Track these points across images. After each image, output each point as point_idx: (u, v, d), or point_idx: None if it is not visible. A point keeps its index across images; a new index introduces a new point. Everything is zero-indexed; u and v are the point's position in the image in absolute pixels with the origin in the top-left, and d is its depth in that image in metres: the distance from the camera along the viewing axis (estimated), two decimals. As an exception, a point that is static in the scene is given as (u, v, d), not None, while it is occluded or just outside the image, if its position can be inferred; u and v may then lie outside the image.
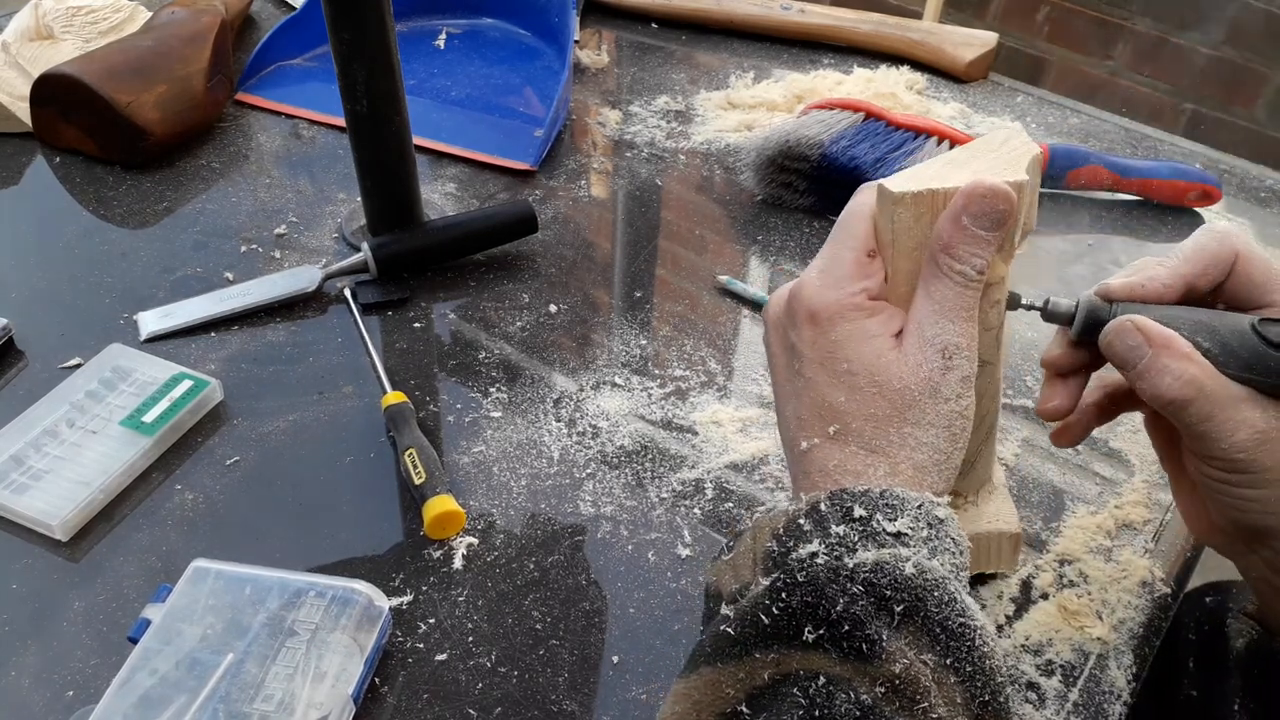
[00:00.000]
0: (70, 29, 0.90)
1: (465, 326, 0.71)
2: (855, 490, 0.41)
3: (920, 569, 0.38)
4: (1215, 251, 0.47)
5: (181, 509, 0.57)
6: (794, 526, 0.41)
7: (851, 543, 0.40)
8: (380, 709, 0.49)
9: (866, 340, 0.45)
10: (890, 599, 0.37)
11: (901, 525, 0.40)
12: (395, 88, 0.69)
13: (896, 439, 0.43)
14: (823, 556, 0.39)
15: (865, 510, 0.40)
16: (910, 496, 0.41)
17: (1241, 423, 0.44)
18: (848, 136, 0.80)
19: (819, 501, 0.41)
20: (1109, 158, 0.86)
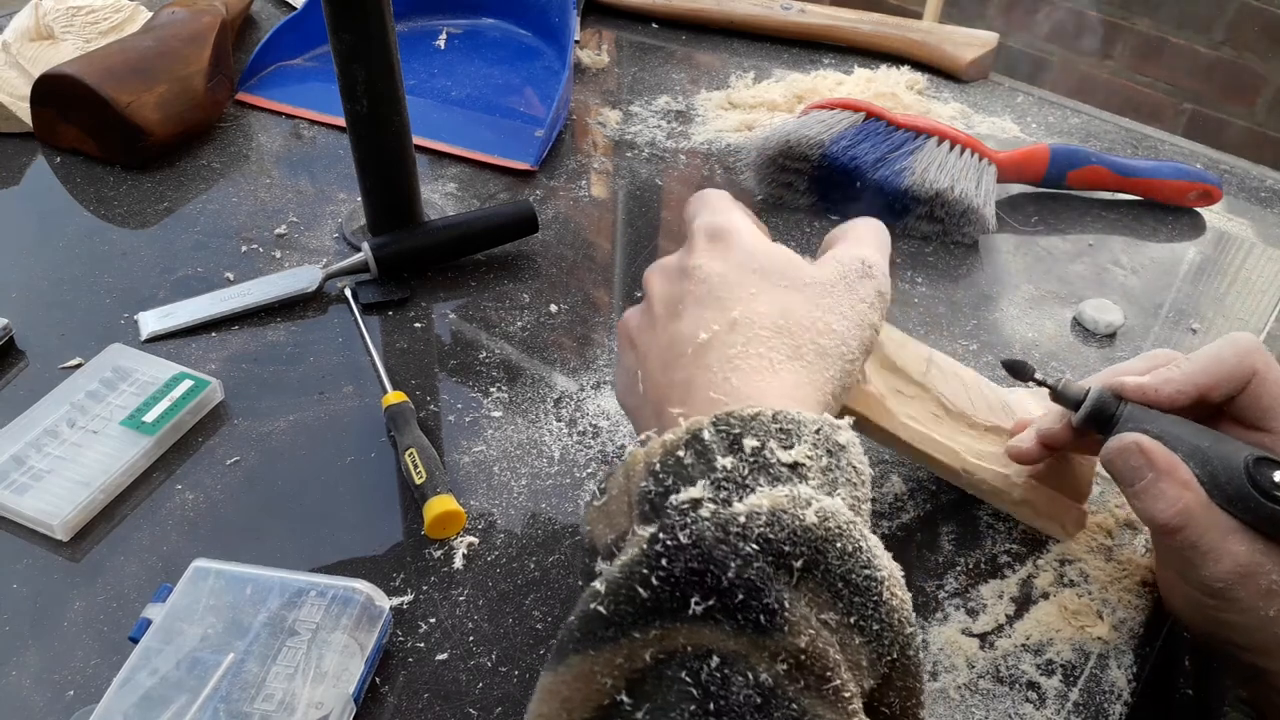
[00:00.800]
0: (70, 29, 0.90)
1: (466, 326, 0.71)
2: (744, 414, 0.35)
3: (822, 516, 0.33)
4: (1233, 368, 0.47)
5: (182, 509, 0.57)
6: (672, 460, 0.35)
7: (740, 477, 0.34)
8: (381, 709, 0.49)
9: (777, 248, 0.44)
10: (789, 554, 0.32)
11: (798, 454, 0.35)
12: (395, 88, 0.69)
13: (805, 322, 0.41)
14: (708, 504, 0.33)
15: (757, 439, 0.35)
16: (808, 419, 0.36)
17: (1226, 554, 0.45)
18: (848, 136, 0.80)
19: (701, 429, 0.35)
20: (1109, 158, 0.86)
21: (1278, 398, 0.46)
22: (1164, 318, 0.76)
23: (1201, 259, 0.83)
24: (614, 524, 0.36)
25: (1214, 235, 0.86)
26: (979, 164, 0.81)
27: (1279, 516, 0.44)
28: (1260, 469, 0.44)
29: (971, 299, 0.77)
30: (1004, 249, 0.82)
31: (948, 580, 0.56)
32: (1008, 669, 0.52)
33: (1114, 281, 0.79)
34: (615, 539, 0.36)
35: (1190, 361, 0.48)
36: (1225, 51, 1.89)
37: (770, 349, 0.40)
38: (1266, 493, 0.44)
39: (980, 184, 0.80)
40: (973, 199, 0.78)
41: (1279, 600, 0.44)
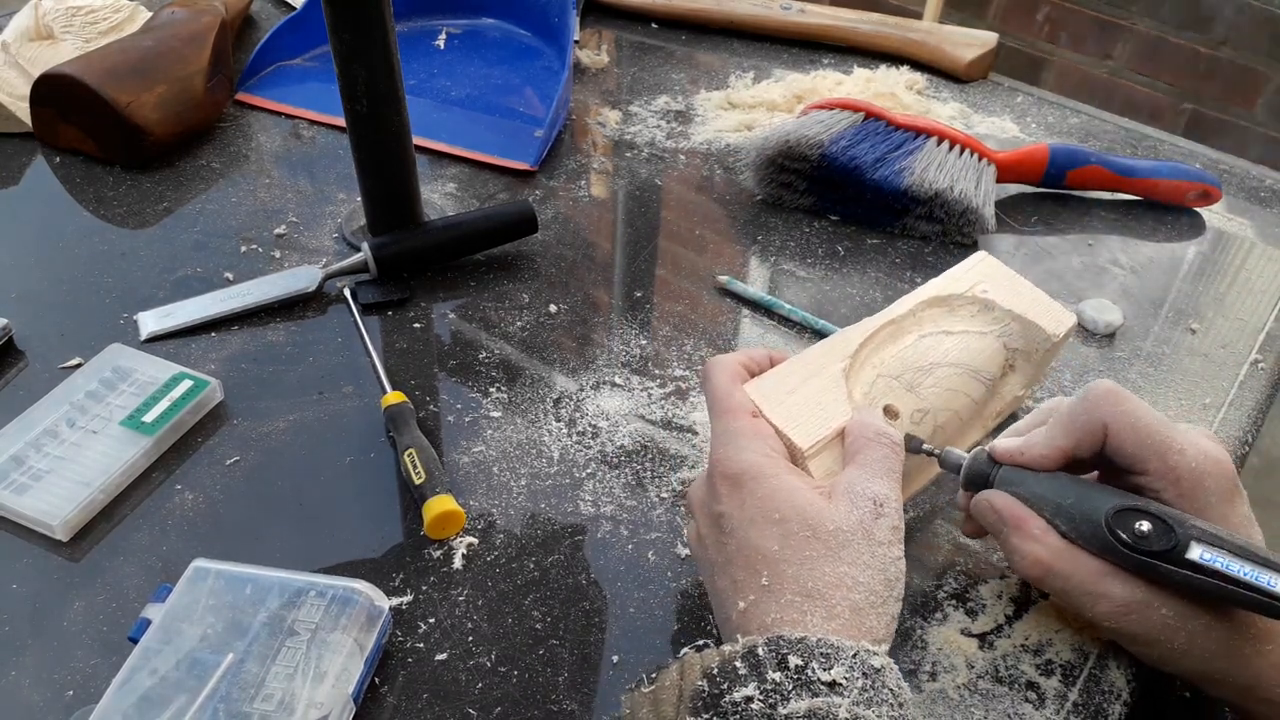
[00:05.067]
0: (70, 29, 0.90)
1: (465, 326, 0.71)
2: (792, 638, 0.41)
3: (854, 716, 0.38)
4: (1084, 425, 0.49)
5: (182, 509, 0.57)
6: (729, 668, 0.40)
7: (785, 691, 0.39)
8: (380, 709, 0.49)
9: (793, 491, 0.46)
10: None
11: (836, 674, 0.39)
12: (395, 88, 0.69)
13: (833, 579, 0.43)
14: (758, 703, 0.39)
15: (801, 659, 0.40)
16: (846, 645, 0.41)
17: (1101, 596, 0.47)
18: (848, 136, 0.80)
19: (756, 646, 0.41)
20: (1109, 158, 0.86)
21: (1139, 443, 0.48)
22: (1163, 317, 0.76)
23: (1201, 259, 0.83)
24: (660, 713, 0.40)
25: (1213, 235, 0.86)
26: (978, 164, 0.81)
27: (1145, 567, 0.46)
28: (1121, 520, 0.46)
29: (971, 299, 0.77)
30: (1003, 249, 0.82)
31: (947, 580, 0.56)
32: (1007, 669, 0.52)
33: (1113, 281, 0.79)
34: None
35: (1054, 424, 0.50)
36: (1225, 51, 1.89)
37: (804, 614, 0.42)
38: (1128, 544, 0.46)
39: (980, 184, 0.80)
40: (972, 199, 0.78)
41: (1180, 633, 0.46)
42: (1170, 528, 0.45)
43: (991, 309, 0.60)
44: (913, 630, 0.53)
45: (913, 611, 0.54)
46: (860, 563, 0.44)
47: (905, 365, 0.56)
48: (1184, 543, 0.44)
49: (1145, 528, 0.45)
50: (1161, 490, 0.47)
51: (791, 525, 0.44)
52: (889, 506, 0.46)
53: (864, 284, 0.77)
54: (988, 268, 0.62)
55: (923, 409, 0.55)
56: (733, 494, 0.47)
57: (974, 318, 0.60)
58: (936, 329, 0.59)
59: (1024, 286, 0.62)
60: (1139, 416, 0.48)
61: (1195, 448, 0.48)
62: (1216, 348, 0.74)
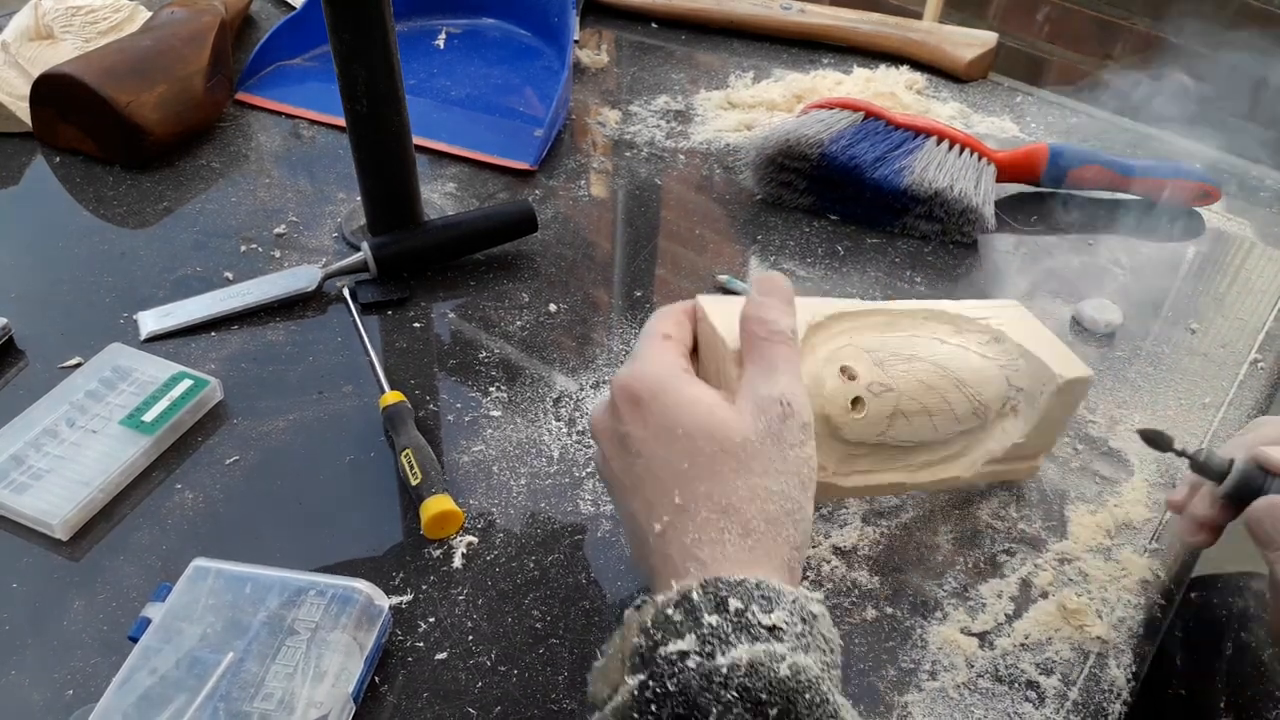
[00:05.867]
0: (70, 29, 0.90)
1: (465, 326, 0.71)
2: (730, 580, 0.39)
3: (795, 669, 0.36)
4: None
5: (181, 508, 0.57)
6: (662, 618, 0.38)
7: (724, 635, 0.37)
8: (380, 708, 0.49)
9: (695, 404, 0.44)
10: (765, 703, 0.35)
11: (777, 618, 0.38)
12: (395, 88, 0.69)
13: (745, 493, 0.42)
14: (694, 656, 0.37)
15: (741, 602, 0.38)
16: (785, 590, 0.39)
17: None
18: (847, 136, 0.80)
19: (690, 590, 0.39)
20: (1108, 157, 0.86)
21: None
22: (1163, 317, 0.76)
23: (1201, 259, 0.83)
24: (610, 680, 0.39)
25: (1213, 235, 0.86)
26: (978, 163, 0.81)
27: None
28: None
29: (970, 298, 0.76)
30: (1003, 248, 0.82)
31: (947, 579, 0.56)
32: (1007, 668, 0.52)
33: (1113, 281, 0.79)
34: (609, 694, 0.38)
35: None
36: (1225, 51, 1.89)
37: (721, 531, 0.41)
38: None
39: (979, 183, 0.80)
40: (972, 198, 0.78)
41: None
42: None
43: (1001, 341, 0.57)
44: (913, 629, 0.53)
45: (913, 610, 0.54)
46: (773, 470, 0.42)
47: (884, 347, 0.54)
48: None
49: None
50: None
51: (698, 441, 0.43)
52: (796, 404, 0.44)
53: (864, 283, 0.77)
54: (1015, 312, 0.60)
55: (885, 385, 0.52)
56: (634, 413, 0.45)
57: (982, 345, 0.57)
58: (933, 335, 0.56)
59: (1045, 334, 0.59)
60: None
61: None
62: (1216, 347, 0.74)
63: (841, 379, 0.51)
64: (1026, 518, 0.60)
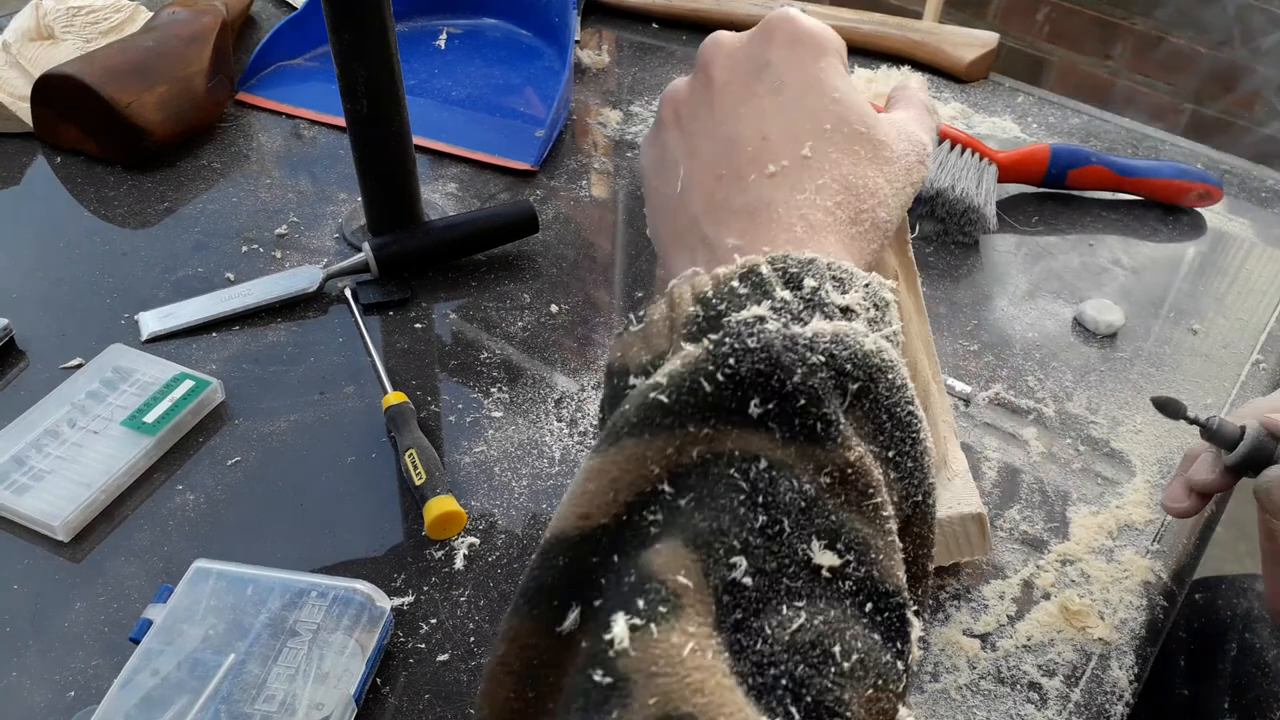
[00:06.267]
0: (71, 29, 0.90)
1: (466, 326, 0.71)
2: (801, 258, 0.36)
3: (878, 347, 0.34)
4: None
5: (183, 509, 0.57)
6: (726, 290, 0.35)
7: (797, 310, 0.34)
8: (382, 709, 0.49)
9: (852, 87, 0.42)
10: (849, 374, 0.32)
11: (852, 299, 0.35)
12: (396, 88, 0.69)
13: (871, 186, 0.39)
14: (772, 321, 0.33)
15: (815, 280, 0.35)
16: (859, 272, 0.37)
17: None
18: (849, 136, 0.80)
19: (758, 265, 0.35)
20: (1110, 158, 0.86)
21: None
22: (1164, 317, 0.76)
23: (1202, 259, 0.83)
24: (652, 346, 0.35)
25: (1214, 235, 0.85)
26: (980, 164, 0.81)
27: None
28: None
29: (972, 299, 0.77)
30: (1005, 249, 0.82)
31: (949, 580, 0.56)
32: (1009, 669, 0.52)
33: (1114, 281, 0.79)
34: (652, 359, 0.35)
35: None
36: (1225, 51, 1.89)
37: (838, 205, 0.38)
38: None
39: (981, 184, 0.80)
40: (973, 199, 0.78)
41: None
42: None
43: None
44: (914, 630, 0.53)
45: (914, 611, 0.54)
46: (895, 185, 0.40)
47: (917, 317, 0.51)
48: None
49: None
50: None
51: (849, 114, 0.40)
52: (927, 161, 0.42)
53: (865, 284, 0.77)
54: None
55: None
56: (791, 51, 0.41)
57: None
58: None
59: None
60: None
61: None
62: (1218, 348, 0.74)
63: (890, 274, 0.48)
64: (1028, 519, 0.60)
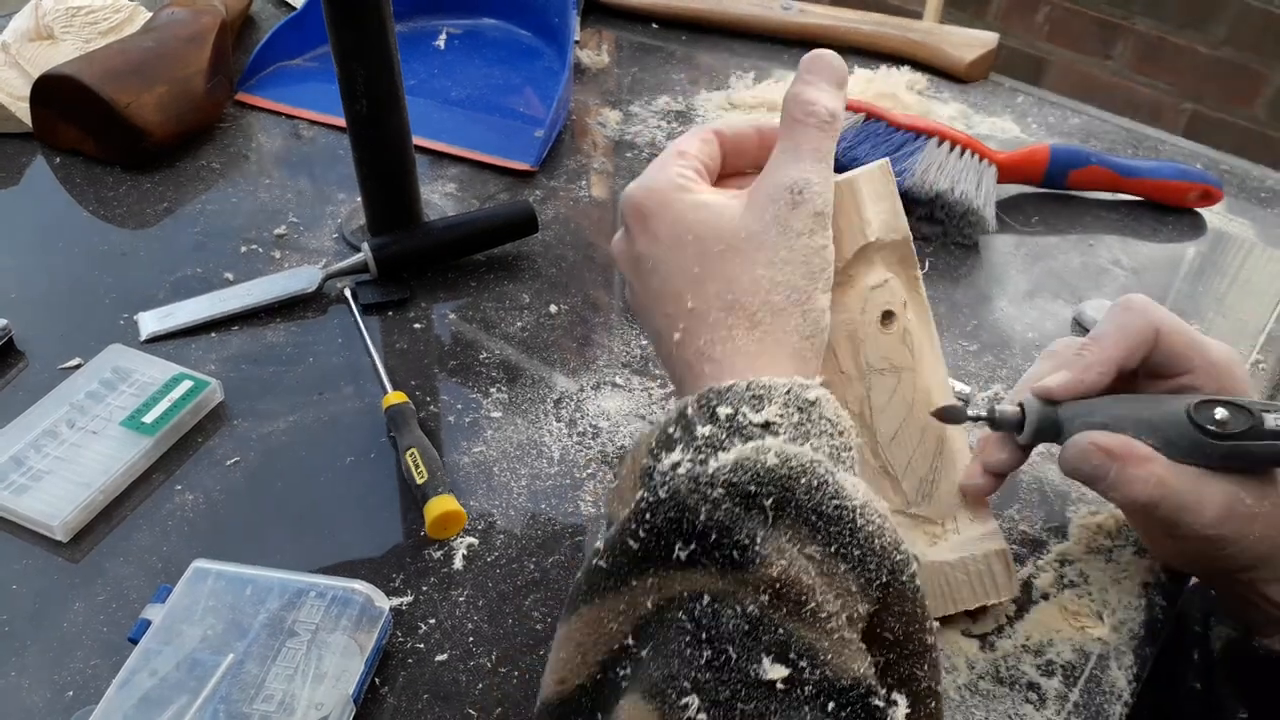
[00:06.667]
0: (70, 29, 0.90)
1: (465, 327, 0.71)
2: (720, 388, 0.39)
3: (784, 457, 0.36)
4: (1140, 330, 0.49)
5: (182, 510, 0.57)
6: (664, 436, 0.39)
7: (718, 442, 0.37)
8: (380, 709, 0.49)
9: (702, 206, 0.43)
10: (757, 495, 0.35)
11: (769, 414, 0.38)
12: (395, 88, 0.69)
13: (749, 285, 0.41)
14: (685, 465, 0.37)
15: (730, 407, 0.38)
16: (778, 383, 0.39)
17: (1207, 502, 0.46)
18: (848, 137, 0.80)
19: (686, 406, 0.39)
20: (1110, 158, 0.86)
21: (1186, 343, 0.49)
22: (1164, 318, 0.76)
23: (1201, 259, 0.83)
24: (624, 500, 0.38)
25: (1214, 235, 0.85)
26: (979, 165, 0.81)
27: (1235, 450, 0.46)
28: (1201, 412, 0.46)
29: (971, 299, 0.77)
30: (1004, 249, 0.82)
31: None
32: (1008, 670, 0.52)
33: (1114, 282, 0.79)
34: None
35: (1098, 342, 0.49)
36: (1225, 51, 1.89)
37: (729, 329, 0.42)
38: (1216, 434, 0.46)
39: (980, 185, 0.80)
40: (973, 200, 0.78)
41: (1259, 520, 0.47)
42: (1242, 407, 0.46)
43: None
44: (913, 631, 0.53)
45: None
46: (777, 261, 0.42)
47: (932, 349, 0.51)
48: (1259, 417, 0.45)
49: (1222, 414, 0.46)
50: (1203, 385, 0.48)
51: (707, 242, 0.43)
52: (810, 191, 0.42)
53: (864, 284, 0.77)
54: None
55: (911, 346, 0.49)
56: (643, 228, 0.44)
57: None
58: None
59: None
60: (1178, 320, 0.49)
61: (1216, 343, 0.50)
62: (1217, 348, 0.74)
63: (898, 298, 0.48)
64: (1027, 519, 0.60)
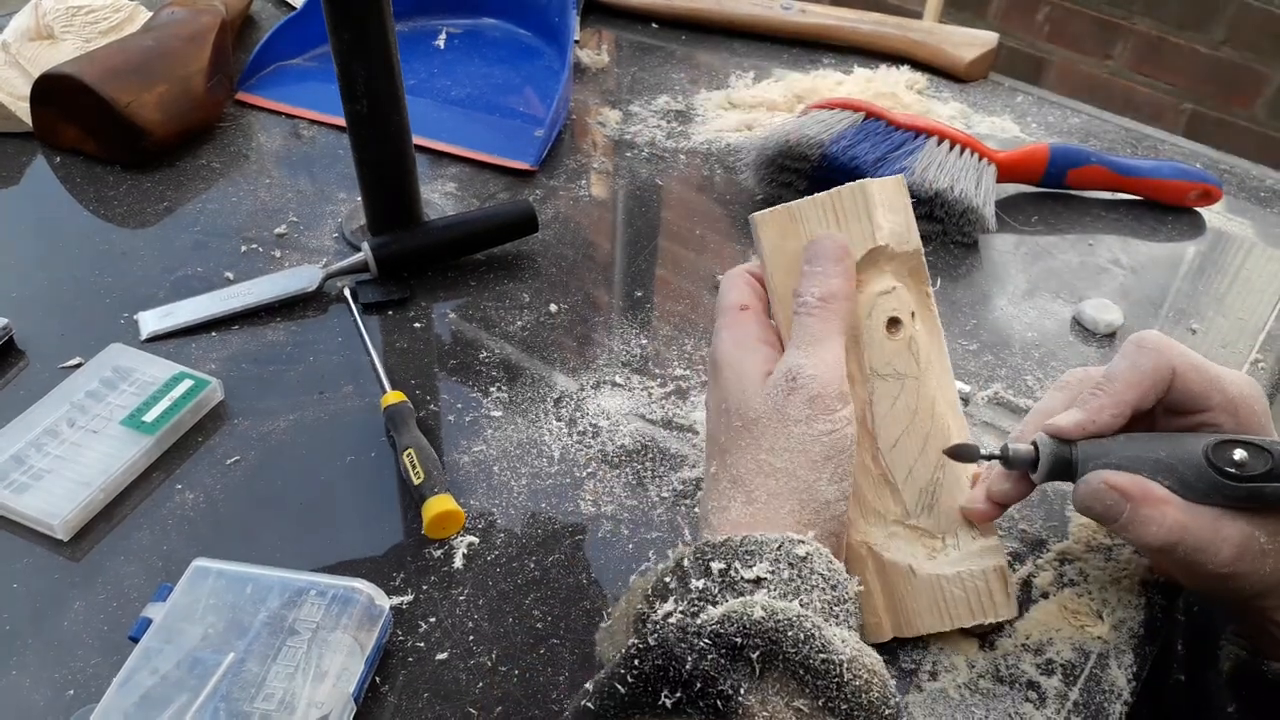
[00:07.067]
0: (70, 29, 0.90)
1: (465, 326, 0.71)
2: (714, 542, 0.41)
3: (770, 610, 0.37)
4: (1154, 370, 0.48)
5: (182, 508, 0.57)
6: (660, 585, 0.41)
7: (711, 596, 0.39)
8: (381, 708, 0.49)
9: (741, 379, 0.47)
10: (744, 647, 0.36)
11: (760, 570, 0.40)
12: (395, 88, 0.69)
13: (753, 467, 0.45)
14: (677, 615, 0.39)
15: (723, 562, 0.40)
16: (769, 539, 0.41)
17: (1223, 543, 0.46)
18: (848, 136, 0.80)
19: (683, 558, 0.41)
20: (1109, 158, 0.86)
21: (1204, 381, 0.48)
22: (1163, 317, 0.76)
23: (1201, 259, 0.83)
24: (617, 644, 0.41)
25: (1214, 235, 0.86)
26: (979, 164, 0.81)
27: (1255, 493, 0.45)
28: (1220, 453, 0.46)
29: (971, 299, 0.77)
30: (1004, 249, 0.82)
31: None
32: (1008, 668, 0.52)
33: (1114, 281, 0.79)
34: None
35: (1112, 380, 0.49)
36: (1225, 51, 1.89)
37: (730, 499, 0.45)
38: (1231, 475, 0.45)
39: (980, 184, 0.80)
40: (972, 199, 0.78)
41: (1272, 556, 0.46)
42: (1261, 448, 0.45)
43: None
44: (913, 630, 0.53)
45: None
46: (777, 448, 0.44)
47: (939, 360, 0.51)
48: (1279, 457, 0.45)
49: (1240, 455, 0.45)
50: (1221, 423, 0.48)
51: (732, 416, 0.47)
52: (802, 377, 0.45)
53: (864, 284, 0.77)
54: None
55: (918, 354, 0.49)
56: (711, 384, 0.50)
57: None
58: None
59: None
60: (1195, 356, 0.49)
61: (1235, 377, 0.49)
62: (1217, 348, 0.74)
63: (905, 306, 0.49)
64: (1027, 518, 0.60)
